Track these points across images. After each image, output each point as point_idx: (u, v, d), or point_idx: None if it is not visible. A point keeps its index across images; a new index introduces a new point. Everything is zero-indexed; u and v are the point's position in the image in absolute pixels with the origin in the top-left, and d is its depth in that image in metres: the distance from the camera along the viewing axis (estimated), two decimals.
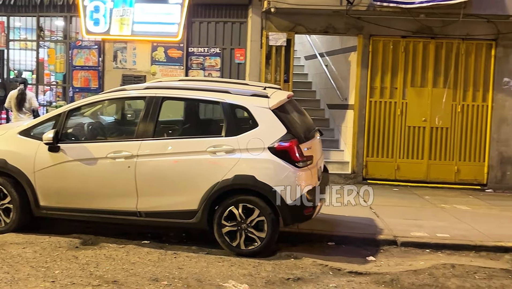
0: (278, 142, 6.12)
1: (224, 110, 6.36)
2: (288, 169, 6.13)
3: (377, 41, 11.08)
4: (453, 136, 11.12)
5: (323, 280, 5.57)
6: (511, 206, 9.46)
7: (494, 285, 5.57)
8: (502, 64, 10.95)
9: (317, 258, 6.17)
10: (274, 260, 6.10)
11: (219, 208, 6.23)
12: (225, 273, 5.62)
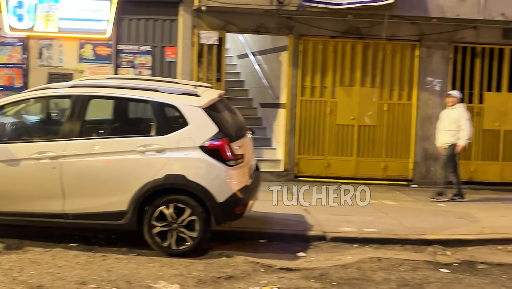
0: (209, 141, 6.11)
1: (153, 109, 6.29)
2: (219, 168, 6.13)
3: (308, 41, 11.27)
4: (380, 133, 11.49)
5: (254, 277, 5.62)
6: (435, 200, 9.87)
7: (417, 276, 5.80)
8: (426, 64, 11.41)
9: (249, 256, 6.21)
10: (206, 259, 6.09)
11: (150, 209, 6.15)
12: (155, 274, 5.56)
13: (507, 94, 11.66)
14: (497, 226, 7.88)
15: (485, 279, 5.80)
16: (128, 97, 6.62)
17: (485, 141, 11.64)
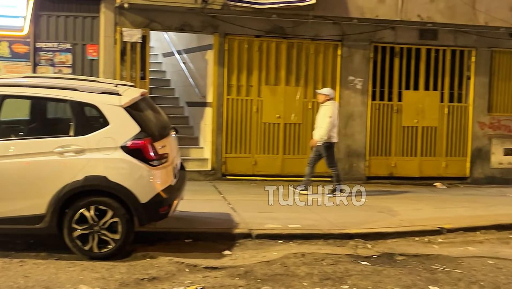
0: (131, 140, 6.01)
1: (72, 108, 6.10)
2: (142, 168, 6.04)
3: (233, 40, 11.31)
4: (306, 131, 11.69)
5: (179, 277, 5.57)
6: (358, 195, 10.15)
7: (339, 270, 5.95)
8: (347, 64, 11.74)
9: (174, 256, 6.16)
10: (129, 261, 5.99)
11: (69, 211, 5.96)
12: (76, 278, 5.40)
13: (424, 92, 12.19)
14: (415, 218, 8.24)
15: (402, 270, 6.03)
16: (44, 97, 6.38)
17: (404, 137, 12.12)
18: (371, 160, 12.00)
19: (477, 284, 5.64)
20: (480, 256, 6.69)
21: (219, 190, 10.09)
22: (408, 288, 5.46)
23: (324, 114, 9.77)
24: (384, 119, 12.04)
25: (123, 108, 6.09)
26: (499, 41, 12.29)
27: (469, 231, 7.89)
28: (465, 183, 12.30)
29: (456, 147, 12.40)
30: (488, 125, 12.47)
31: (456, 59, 12.30)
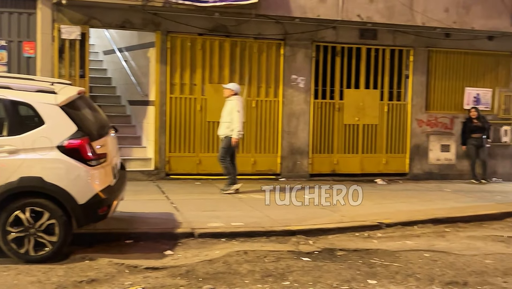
0: (68, 140, 5.86)
1: (5, 107, 5.88)
2: (79, 168, 5.90)
3: (175, 37, 11.21)
4: (249, 129, 11.73)
5: (118, 279, 5.48)
6: (299, 193, 10.25)
7: (280, 266, 6.00)
8: (290, 62, 11.85)
9: (114, 258, 6.05)
10: (67, 264, 5.84)
11: (3, 214, 5.76)
12: (10, 282, 5.22)
13: (365, 90, 12.46)
14: (355, 214, 8.41)
15: (342, 265, 6.15)
16: None
17: (346, 135, 12.36)
18: (314, 157, 12.17)
19: (413, 276, 5.82)
20: (416, 250, 6.90)
21: (162, 190, 9.99)
22: (348, 282, 5.56)
23: (232, 108, 9.71)
24: (326, 117, 12.23)
25: (59, 106, 5.93)
26: (436, 41, 12.71)
27: (407, 225, 8.14)
28: (404, 179, 12.67)
29: (395, 144, 12.74)
30: (426, 123, 12.88)
31: (395, 58, 12.64)
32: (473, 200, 10.23)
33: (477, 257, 6.64)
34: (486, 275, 5.93)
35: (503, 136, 13.44)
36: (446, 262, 6.41)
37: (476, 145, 12.59)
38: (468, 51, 13.04)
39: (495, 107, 13.37)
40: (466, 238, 7.71)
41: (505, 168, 13.49)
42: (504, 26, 12.41)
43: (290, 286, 5.41)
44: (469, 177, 12.82)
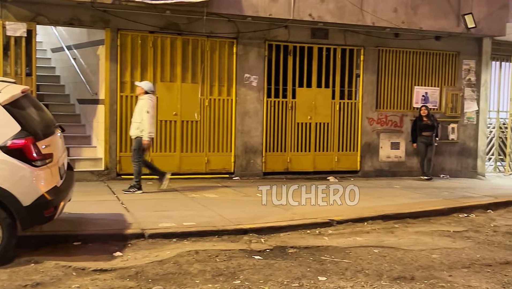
0: (11, 140, 5.66)
1: None
2: (24, 169, 5.71)
3: (126, 35, 11.03)
4: (203, 128, 11.68)
5: (65, 282, 5.34)
6: (252, 191, 10.29)
7: (232, 265, 5.98)
8: (243, 61, 11.85)
9: (60, 260, 5.89)
10: (12, 268, 5.64)
11: None
12: None
13: (317, 89, 12.59)
14: (307, 212, 8.47)
15: (293, 262, 6.18)
16: None
17: (299, 133, 12.45)
18: (267, 156, 12.22)
19: (362, 272, 5.90)
20: (366, 246, 7.01)
21: (112, 190, 9.81)
22: (298, 279, 5.59)
23: (141, 108, 9.48)
24: (279, 116, 12.29)
25: (2, 106, 5.72)
26: (385, 40, 12.96)
27: (357, 222, 8.26)
28: (356, 176, 12.87)
29: (347, 142, 12.93)
30: (376, 121, 13.12)
31: (346, 58, 12.81)
32: (421, 196, 10.47)
33: (424, 252, 6.80)
34: (432, 270, 6.08)
35: (450, 134, 13.83)
36: (395, 257, 6.53)
37: (426, 143, 12.91)
38: (417, 51, 13.36)
39: (442, 106, 13.74)
40: (414, 233, 7.89)
41: (452, 165, 13.90)
42: (450, 26, 12.77)
43: (241, 285, 5.40)
44: (418, 174, 13.16)
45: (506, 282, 5.71)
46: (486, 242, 7.46)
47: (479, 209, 9.71)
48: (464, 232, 8.05)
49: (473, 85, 13.97)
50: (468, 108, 13.95)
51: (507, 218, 9.31)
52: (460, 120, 13.92)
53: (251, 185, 11.15)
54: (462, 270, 6.12)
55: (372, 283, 5.55)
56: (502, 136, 15.00)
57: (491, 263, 6.42)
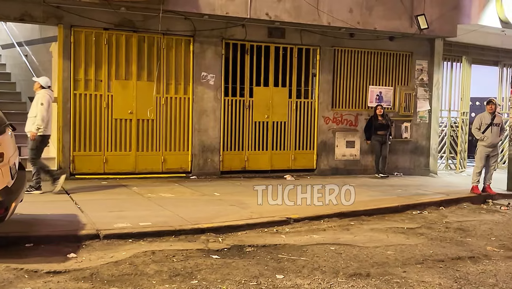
0: None
1: None
2: None
3: (79, 32, 10.79)
4: (159, 127, 11.55)
5: (17, 285, 5.18)
6: (210, 190, 10.27)
7: (189, 265, 5.94)
8: (200, 59, 11.77)
9: (12, 262, 5.70)
10: None
11: None
12: None
13: (274, 88, 12.63)
14: (264, 210, 8.48)
15: (251, 261, 6.18)
16: None
17: (256, 132, 12.47)
18: (224, 154, 12.18)
19: (319, 270, 5.96)
20: (323, 243, 7.08)
21: (66, 190, 9.58)
22: (256, 278, 5.59)
23: (37, 101, 9.08)
24: (236, 115, 12.28)
25: None
26: (341, 40, 13.12)
27: (314, 220, 8.33)
28: (312, 174, 12.99)
29: (304, 141, 13.03)
30: (332, 120, 13.27)
31: (302, 57, 12.91)
32: (376, 194, 10.65)
33: (379, 249, 6.92)
34: (387, 266, 6.19)
35: (404, 133, 14.13)
36: (350, 254, 6.62)
37: (380, 142, 13.15)
38: (371, 51, 13.58)
39: (396, 105, 14.02)
40: (369, 230, 8.02)
41: (405, 163, 14.21)
42: (404, 27, 13.03)
43: (199, 284, 5.36)
44: (372, 172, 13.39)
45: (458, 277, 5.88)
46: (438, 238, 7.65)
47: (431, 206, 9.96)
48: (418, 229, 8.24)
49: (426, 84, 14.31)
50: (420, 107, 14.28)
51: (459, 215, 9.59)
52: (413, 119, 14.24)
53: (208, 184, 11.12)
54: (416, 266, 6.26)
55: (329, 280, 5.60)
56: (453, 134, 15.42)
57: (443, 258, 6.59)
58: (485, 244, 7.40)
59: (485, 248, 7.18)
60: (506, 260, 6.64)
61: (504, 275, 6.01)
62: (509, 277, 5.94)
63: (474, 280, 5.81)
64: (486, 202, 10.88)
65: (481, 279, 5.85)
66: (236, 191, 10.42)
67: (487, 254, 6.88)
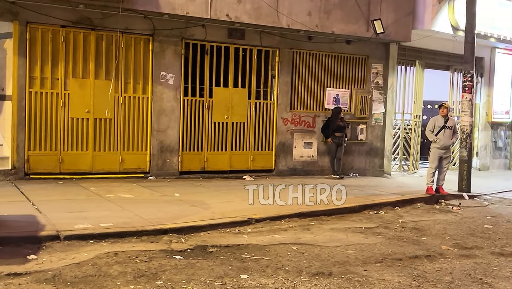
0: None
1: None
2: None
3: (35, 29, 10.55)
4: (117, 127, 11.41)
5: None
6: (169, 191, 10.22)
7: (153, 266, 5.91)
8: (159, 59, 11.69)
9: None
10: None
11: None
12: None
13: (233, 89, 12.68)
14: (226, 210, 8.53)
15: (215, 261, 6.20)
16: None
17: (216, 133, 12.48)
18: (184, 155, 12.14)
19: (283, 269, 6.04)
20: (285, 243, 7.18)
21: (21, 191, 9.35)
22: (221, 278, 5.63)
23: None
24: (196, 115, 12.26)
25: None
26: (300, 43, 13.29)
27: (275, 220, 8.42)
28: (271, 175, 13.11)
29: (263, 142, 13.13)
30: (291, 121, 13.43)
31: (262, 59, 13.00)
32: (333, 194, 10.83)
33: (339, 248, 7.07)
34: (348, 265, 6.34)
35: (359, 134, 14.44)
36: (312, 254, 6.74)
37: (337, 143, 13.39)
38: (329, 54, 13.82)
39: (352, 107, 14.31)
40: (329, 230, 8.17)
41: (361, 164, 14.52)
42: (360, 31, 13.32)
43: (164, 285, 5.35)
44: (329, 172, 13.62)
45: (416, 275, 6.08)
46: (395, 238, 7.87)
47: (387, 206, 10.23)
48: (375, 228, 8.45)
49: (381, 88, 14.67)
50: (375, 109, 14.63)
51: (413, 215, 9.89)
52: (369, 121, 14.57)
53: (168, 184, 11.06)
54: (376, 264, 6.43)
55: (293, 280, 5.69)
56: (406, 136, 15.85)
57: (401, 257, 6.80)
58: (440, 243, 7.67)
59: (440, 247, 7.44)
60: (460, 259, 6.91)
61: (459, 273, 6.25)
62: (463, 275, 6.18)
63: (431, 278, 6.02)
64: (439, 203, 11.24)
65: (438, 277, 6.07)
66: (197, 191, 10.41)
67: (442, 253, 7.13)
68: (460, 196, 11.95)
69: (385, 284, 5.69)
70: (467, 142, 12.45)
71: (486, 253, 7.24)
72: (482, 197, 12.16)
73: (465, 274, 6.21)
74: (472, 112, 12.55)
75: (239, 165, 12.77)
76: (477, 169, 17.39)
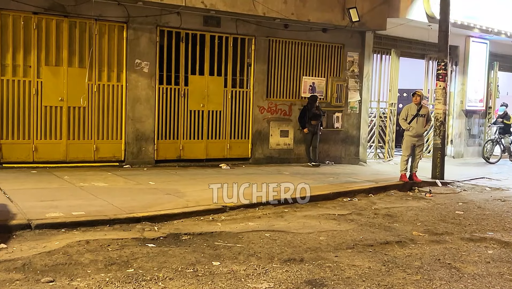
0: None
1: None
2: None
3: (6, 15, 10.38)
4: (91, 115, 11.31)
5: None
6: (144, 179, 10.18)
7: (125, 254, 5.90)
8: (134, 46, 11.59)
9: None
10: None
11: None
12: None
13: (209, 77, 12.63)
14: (200, 199, 8.53)
15: (187, 249, 6.22)
16: None
17: (192, 121, 12.44)
18: (159, 143, 12.09)
19: (255, 256, 6.08)
20: (258, 230, 7.22)
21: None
22: (192, 265, 5.64)
23: None
24: (171, 103, 12.20)
25: None
26: (276, 31, 13.27)
27: (249, 207, 8.46)
28: (247, 163, 13.13)
29: (239, 130, 13.13)
30: (267, 109, 13.44)
31: (238, 47, 12.96)
32: (309, 182, 10.89)
33: (312, 235, 7.13)
34: (320, 251, 6.40)
35: (335, 122, 14.53)
36: (285, 240, 6.79)
37: (312, 132, 13.45)
38: (305, 42, 13.83)
39: (328, 95, 14.37)
40: (303, 217, 8.23)
41: (336, 152, 14.62)
42: (336, 19, 13.35)
43: (135, 273, 5.35)
44: (305, 160, 13.69)
45: (386, 261, 6.17)
46: (368, 224, 7.97)
47: (361, 193, 10.33)
48: (348, 215, 8.54)
49: (357, 76, 14.75)
50: (351, 98, 14.71)
51: (387, 202, 10.01)
52: (344, 109, 14.65)
53: (143, 173, 11.02)
54: (347, 250, 6.51)
55: (264, 266, 5.74)
56: (382, 125, 15.98)
57: (372, 243, 6.89)
58: (411, 229, 7.78)
59: (411, 233, 7.55)
60: (430, 244, 7.02)
61: (428, 258, 6.36)
62: (433, 260, 6.29)
63: (401, 263, 6.11)
64: (412, 190, 11.40)
65: (408, 262, 6.17)
66: (172, 180, 10.39)
67: (413, 239, 7.24)
68: (434, 183, 12.11)
69: (355, 270, 5.77)
70: (441, 130, 12.61)
71: (456, 239, 7.38)
72: (455, 184, 12.34)
73: (434, 259, 6.32)
74: (446, 100, 12.70)
75: (215, 153, 12.77)
76: (451, 156, 17.65)
